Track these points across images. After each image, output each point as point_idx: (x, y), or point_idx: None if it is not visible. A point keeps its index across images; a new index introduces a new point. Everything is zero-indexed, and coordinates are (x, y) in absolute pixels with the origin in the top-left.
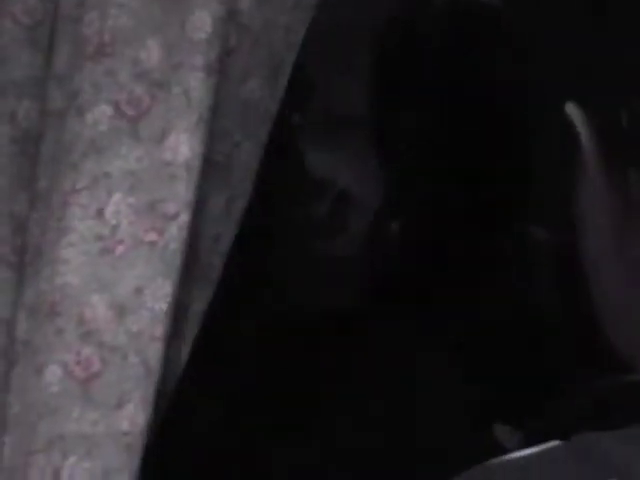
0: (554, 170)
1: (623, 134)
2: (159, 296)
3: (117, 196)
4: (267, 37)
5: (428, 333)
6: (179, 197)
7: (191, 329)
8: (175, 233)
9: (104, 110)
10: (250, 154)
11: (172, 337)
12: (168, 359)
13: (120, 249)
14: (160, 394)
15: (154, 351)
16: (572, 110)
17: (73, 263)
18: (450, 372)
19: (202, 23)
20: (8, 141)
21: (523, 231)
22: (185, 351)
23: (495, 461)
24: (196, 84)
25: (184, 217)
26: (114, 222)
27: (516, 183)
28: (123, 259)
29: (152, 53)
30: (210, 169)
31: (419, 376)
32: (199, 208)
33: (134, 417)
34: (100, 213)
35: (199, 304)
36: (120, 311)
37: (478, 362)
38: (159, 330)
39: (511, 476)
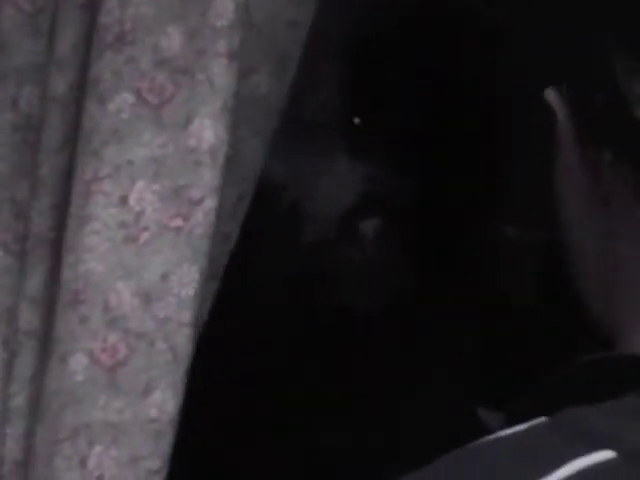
0: (530, 168)
1: (597, 114)
2: (186, 282)
3: (141, 183)
4: (271, 32)
5: (407, 330)
6: (204, 182)
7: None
8: (201, 218)
9: (126, 98)
10: (256, 150)
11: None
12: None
13: (145, 236)
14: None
15: (182, 337)
16: (550, 95)
17: (97, 251)
18: (434, 363)
19: (224, 10)
20: (10, 128)
21: (498, 230)
22: None
23: (481, 440)
24: (220, 70)
25: (209, 202)
26: (138, 209)
27: (491, 184)
28: (148, 246)
29: (173, 40)
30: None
31: (404, 371)
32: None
33: (162, 404)
34: (124, 200)
35: (207, 301)
36: (146, 298)
37: (458, 351)
38: (187, 316)
39: (498, 452)
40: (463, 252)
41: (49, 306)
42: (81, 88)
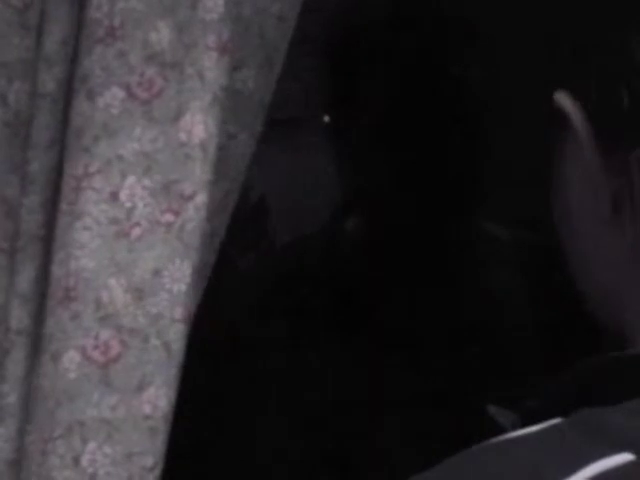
0: (516, 166)
1: (622, 114)
2: (178, 277)
3: (131, 178)
4: (259, 26)
5: (397, 329)
6: (195, 177)
7: None
8: (192, 213)
9: (115, 93)
10: (245, 146)
11: None
12: None
13: (136, 231)
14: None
15: (175, 333)
16: (562, 98)
17: (89, 247)
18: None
19: (214, 3)
20: (0, 124)
21: (479, 228)
22: None
23: (493, 440)
24: (210, 64)
25: (201, 197)
26: (129, 205)
27: (473, 182)
28: (140, 241)
29: (163, 35)
30: None
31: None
32: None
33: (156, 400)
34: (114, 196)
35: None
36: (138, 294)
37: (463, 350)
38: (179, 312)
39: (516, 452)
40: (452, 250)
41: (40, 304)
42: (70, 84)
